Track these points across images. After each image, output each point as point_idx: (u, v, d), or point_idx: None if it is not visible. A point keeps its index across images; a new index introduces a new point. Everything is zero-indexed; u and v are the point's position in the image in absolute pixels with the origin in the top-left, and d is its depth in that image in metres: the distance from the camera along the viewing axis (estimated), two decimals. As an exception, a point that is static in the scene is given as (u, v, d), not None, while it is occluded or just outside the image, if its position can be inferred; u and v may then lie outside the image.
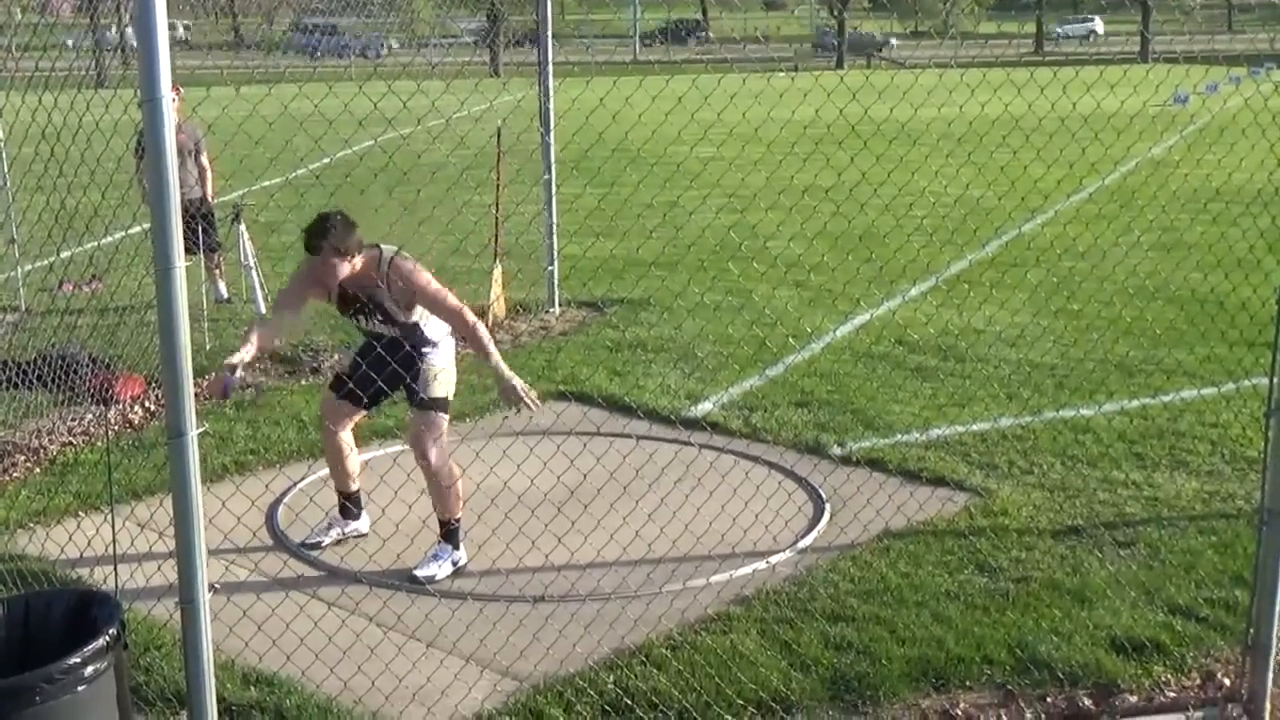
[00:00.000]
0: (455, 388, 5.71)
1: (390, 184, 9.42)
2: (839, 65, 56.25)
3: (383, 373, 5.37)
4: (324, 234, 5.24)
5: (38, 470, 6.84)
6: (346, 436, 5.87)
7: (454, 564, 5.63)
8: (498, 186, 10.07)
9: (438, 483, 5.56)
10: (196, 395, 3.31)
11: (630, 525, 5.85)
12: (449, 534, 5.65)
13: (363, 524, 6.02)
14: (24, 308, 10.38)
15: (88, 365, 7.95)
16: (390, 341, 5.49)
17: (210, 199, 11.04)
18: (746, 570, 5.58)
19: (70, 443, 7.22)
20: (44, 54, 5.23)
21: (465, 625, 5.04)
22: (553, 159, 10.50)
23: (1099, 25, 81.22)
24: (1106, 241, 12.01)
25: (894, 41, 72.38)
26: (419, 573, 5.55)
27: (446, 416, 5.63)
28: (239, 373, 5.20)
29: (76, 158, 4.86)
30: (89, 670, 3.31)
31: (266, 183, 15.42)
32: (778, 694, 4.50)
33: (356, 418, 5.92)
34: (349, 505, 5.99)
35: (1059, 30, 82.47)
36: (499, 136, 9.89)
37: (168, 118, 3.10)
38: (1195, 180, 13.99)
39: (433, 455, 5.53)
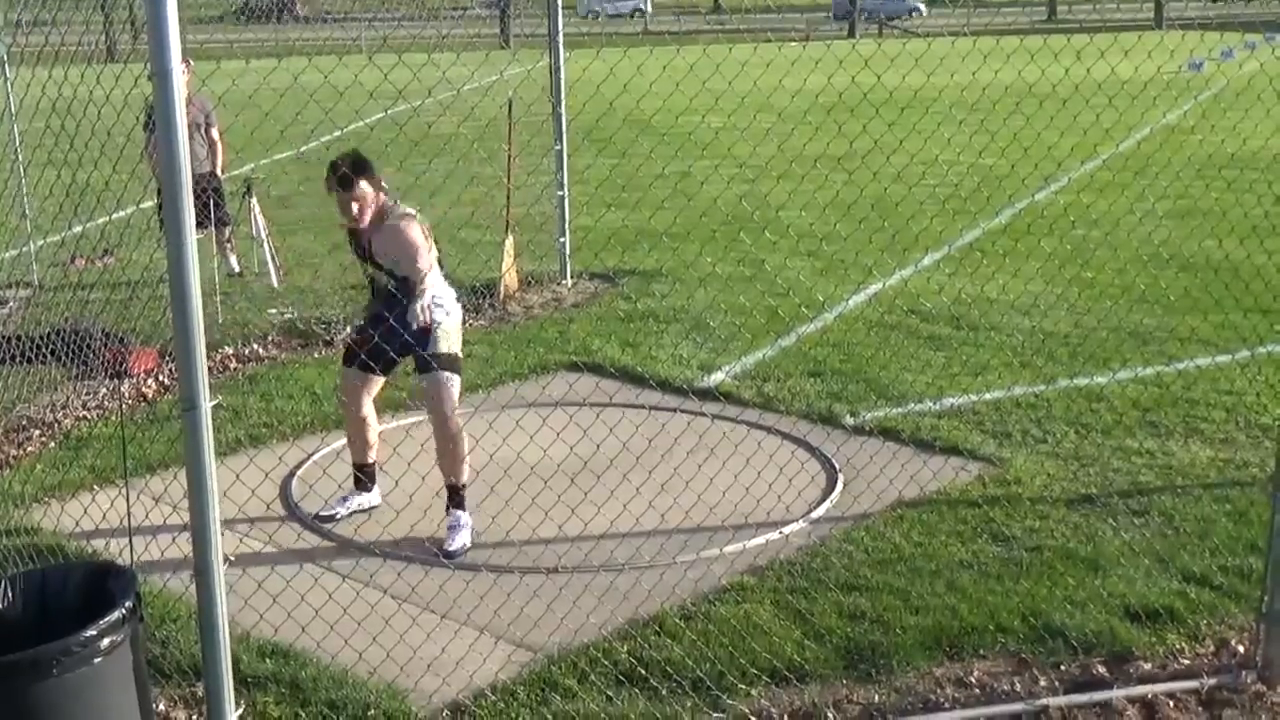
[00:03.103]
0: (460, 351, 5.77)
1: (401, 156, 9.41)
2: (851, 34, 55.89)
3: (394, 343, 5.44)
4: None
5: (52, 444, 6.87)
6: (368, 408, 5.89)
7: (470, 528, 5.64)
8: (509, 158, 10.04)
9: (452, 447, 5.61)
10: (210, 368, 3.31)
11: (643, 496, 5.85)
12: (459, 500, 5.68)
13: (374, 496, 6.04)
14: (37, 283, 10.40)
15: (101, 339, 7.97)
16: (400, 311, 5.50)
17: (221, 172, 11.04)
18: (760, 540, 5.59)
19: (84, 417, 7.25)
20: (54, 28, 5.22)
21: (479, 596, 5.06)
22: (564, 129, 10.47)
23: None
24: (1120, 209, 11.94)
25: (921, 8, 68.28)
26: (451, 548, 5.55)
27: (459, 378, 5.70)
28: None
29: (87, 132, 4.84)
30: (105, 642, 3.32)
31: (277, 156, 15.41)
32: (792, 663, 4.51)
33: (375, 389, 5.93)
34: (362, 477, 6.01)
35: (603, 6, 67.67)
36: (510, 107, 9.85)
37: (177, 90, 3.09)
38: (1209, 146, 13.88)
39: (450, 420, 5.60)
